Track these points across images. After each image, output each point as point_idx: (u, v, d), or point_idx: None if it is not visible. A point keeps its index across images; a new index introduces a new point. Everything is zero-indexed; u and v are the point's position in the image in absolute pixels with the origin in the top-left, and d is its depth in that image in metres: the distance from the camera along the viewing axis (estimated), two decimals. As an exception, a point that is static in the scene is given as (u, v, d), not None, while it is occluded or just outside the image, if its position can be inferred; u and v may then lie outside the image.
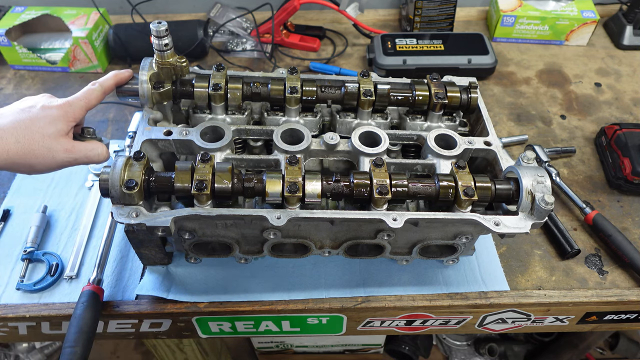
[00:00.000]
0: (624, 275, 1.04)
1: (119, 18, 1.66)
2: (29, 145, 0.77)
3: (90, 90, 0.87)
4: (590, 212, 1.10)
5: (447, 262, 1.01)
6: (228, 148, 0.88)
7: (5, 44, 1.45)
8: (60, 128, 0.81)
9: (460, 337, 2.06)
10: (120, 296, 0.99)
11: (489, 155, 0.93)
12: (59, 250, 1.06)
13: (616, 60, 1.58)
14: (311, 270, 1.02)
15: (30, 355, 1.94)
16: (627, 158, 1.15)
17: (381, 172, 0.83)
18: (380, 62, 1.46)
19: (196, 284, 0.99)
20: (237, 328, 1.06)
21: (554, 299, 0.99)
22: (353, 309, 0.98)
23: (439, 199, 0.83)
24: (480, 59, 1.46)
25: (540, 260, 1.07)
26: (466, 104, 0.98)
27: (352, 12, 1.54)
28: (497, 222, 0.80)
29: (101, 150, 0.87)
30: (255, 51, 1.58)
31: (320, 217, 0.80)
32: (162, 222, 0.78)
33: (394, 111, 1.03)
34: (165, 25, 0.86)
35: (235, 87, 0.94)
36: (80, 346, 0.83)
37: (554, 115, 1.40)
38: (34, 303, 0.98)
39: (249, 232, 0.90)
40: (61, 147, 0.80)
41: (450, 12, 1.58)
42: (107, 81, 0.90)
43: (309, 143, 0.89)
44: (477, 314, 1.02)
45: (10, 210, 1.13)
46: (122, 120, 1.36)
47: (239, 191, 0.81)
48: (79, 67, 1.50)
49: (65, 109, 0.82)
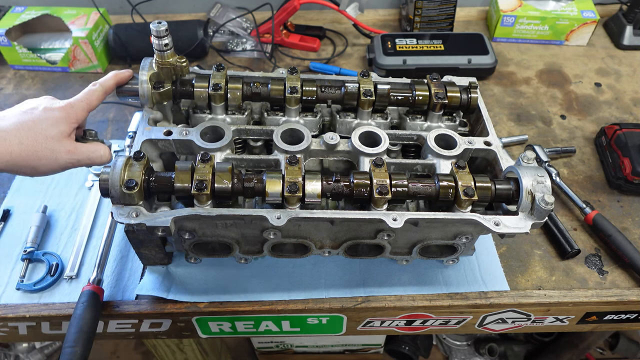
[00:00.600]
0: (624, 275, 1.05)
1: (119, 18, 1.66)
2: (32, 147, 0.77)
3: (92, 91, 0.87)
4: (590, 212, 1.10)
5: (447, 262, 1.01)
6: (228, 148, 0.88)
7: (5, 44, 1.45)
8: (63, 130, 0.81)
9: (460, 337, 2.06)
10: (120, 296, 0.99)
11: (489, 155, 0.93)
12: (59, 250, 1.06)
13: (616, 60, 1.58)
14: (311, 270, 1.02)
15: (30, 355, 1.94)
16: (627, 158, 1.15)
17: (381, 172, 0.83)
18: (380, 62, 1.46)
19: (196, 284, 0.99)
20: (237, 328, 1.06)
21: (554, 299, 0.99)
22: (353, 309, 0.98)
23: (439, 199, 0.83)
24: (480, 59, 1.46)
25: (540, 260, 1.07)
26: (466, 104, 0.98)
27: (352, 12, 1.54)
28: (497, 222, 0.80)
29: (104, 152, 0.87)
30: (255, 51, 1.58)
31: (320, 217, 0.80)
32: (162, 222, 0.78)
33: (394, 111, 1.03)
34: (165, 25, 0.86)
35: (235, 87, 0.94)
36: (80, 346, 0.83)
37: (554, 115, 1.40)
38: (34, 303, 0.98)
39: (249, 232, 0.90)
40: (64, 149, 0.80)
41: (450, 12, 1.58)
42: (107, 81, 0.90)
43: (309, 143, 0.89)
44: (477, 314, 1.02)
45: (10, 210, 1.13)
46: (122, 120, 1.36)
47: (239, 191, 0.81)
48: (79, 67, 1.50)
49: (67, 111, 0.82)
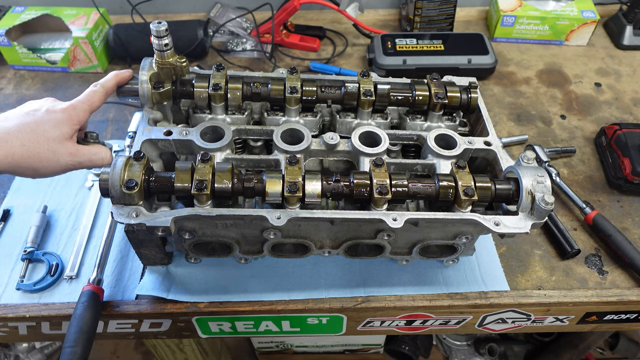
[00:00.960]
0: (624, 275, 1.04)
1: (119, 18, 1.66)
2: (34, 149, 0.77)
3: (93, 92, 0.87)
4: (590, 212, 1.10)
5: (447, 262, 1.01)
6: (228, 148, 0.88)
7: (5, 44, 1.45)
8: (64, 131, 0.81)
9: (460, 337, 2.06)
10: (120, 296, 0.99)
11: (489, 155, 0.93)
12: (59, 250, 1.06)
13: (616, 60, 1.58)
14: (311, 270, 1.02)
15: (30, 355, 1.93)
16: (627, 158, 1.15)
17: (381, 172, 0.83)
18: (380, 62, 1.46)
19: (196, 284, 0.99)
20: (237, 328, 1.06)
21: (554, 299, 0.99)
22: (353, 309, 0.98)
23: (439, 199, 0.83)
24: (480, 59, 1.46)
25: (540, 260, 1.07)
26: (466, 104, 0.98)
27: (352, 12, 1.54)
28: (497, 222, 0.80)
29: (105, 154, 0.87)
30: (255, 51, 1.58)
31: (320, 217, 0.80)
32: (162, 222, 0.78)
33: (394, 111, 1.03)
34: (165, 25, 0.86)
35: (235, 87, 0.94)
36: (80, 346, 0.83)
37: (554, 115, 1.40)
38: (34, 303, 0.98)
39: (249, 232, 0.90)
40: (66, 151, 0.80)
41: (450, 12, 1.58)
42: (108, 82, 0.90)
43: (309, 143, 0.89)
44: (477, 314, 1.02)
45: (10, 210, 1.13)
46: (122, 120, 1.36)
47: (239, 191, 0.81)
48: (79, 67, 1.50)
49: (69, 113, 0.82)
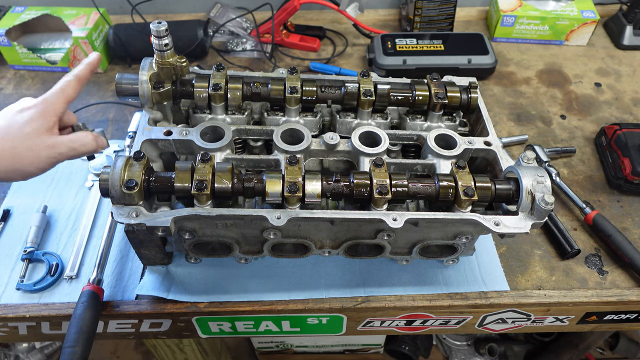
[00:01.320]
0: (624, 275, 1.04)
1: (119, 18, 1.65)
2: (11, 150, 0.77)
3: (67, 82, 0.86)
4: (590, 212, 1.10)
5: (447, 262, 1.01)
6: (228, 148, 0.88)
7: (5, 44, 1.45)
8: (39, 125, 0.80)
9: (460, 337, 2.06)
10: (120, 296, 0.99)
11: (489, 155, 0.93)
12: (59, 250, 1.06)
13: (616, 60, 1.58)
14: (311, 270, 1.02)
15: (30, 355, 1.94)
16: (627, 158, 1.15)
17: (381, 172, 0.83)
18: (380, 62, 1.46)
19: (196, 284, 0.99)
20: (237, 328, 1.06)
21: (554, 299, 0.99)
22: (353, 309, 0.98)
23: (439, 199, 0.83)
24: (480, 59, 1.46)
25: (540, 260, 1.07)
26: (466, 104, 0.98)
27: (352, 12, 1.54)
28: (497, 222, 0.80)
29: (86, 139, 0.85)
30: (255, 51, 1.58)
31: (320, 217, 0.80)
32: (162, 222, 0.78)
33: (394, 111, 1.03)
34: (165, 25, 0.86)
35: (235, 87, 0.94)
36: (80, 346, 0.83)
37: (554, 115, 1.40)
38: (34, 303, 0.98)
39: (249, 232, 0.90)
40: (43, 144, 0.80)
41: (450, 12, 1.58)
42: (80, 71, 0.88)
43: (309, 143, 0.89)
44: (477, 314, 1.02)
45: (10, 210, 1.13)
46: (122, 120, 1.36)
47: (239, 191, 0.81)
48: (79, 67, 1.50)
49: (42, 106, 0.81)
